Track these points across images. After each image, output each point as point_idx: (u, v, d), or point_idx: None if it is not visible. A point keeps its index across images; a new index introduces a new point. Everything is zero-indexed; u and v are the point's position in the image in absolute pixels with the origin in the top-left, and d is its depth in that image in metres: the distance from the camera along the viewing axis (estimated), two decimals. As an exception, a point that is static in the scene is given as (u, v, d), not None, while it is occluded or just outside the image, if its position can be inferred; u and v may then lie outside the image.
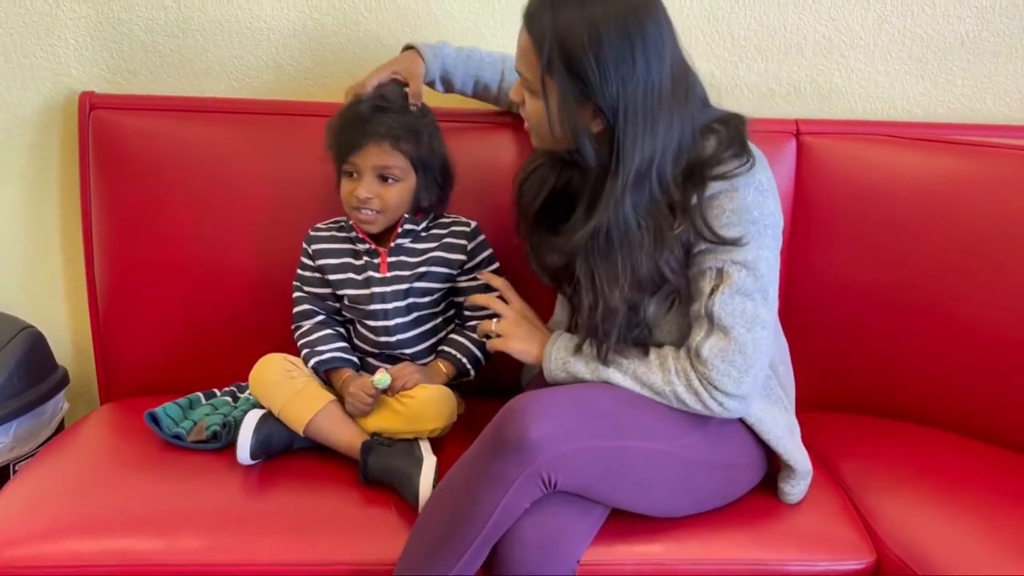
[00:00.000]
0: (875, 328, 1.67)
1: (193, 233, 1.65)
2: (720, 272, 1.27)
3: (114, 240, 1.68)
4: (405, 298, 1.52)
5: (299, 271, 1.58)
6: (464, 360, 1.53)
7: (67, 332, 1.86)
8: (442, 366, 1.53)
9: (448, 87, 1.60)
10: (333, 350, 1.52)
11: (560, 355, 1.35)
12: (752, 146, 1.31)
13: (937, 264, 1.61)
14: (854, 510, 1.42)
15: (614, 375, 1.30)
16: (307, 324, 1.55)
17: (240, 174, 1.65)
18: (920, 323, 1.63)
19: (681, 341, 1.32)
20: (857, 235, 1.66)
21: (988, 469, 1.52)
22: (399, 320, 1.52)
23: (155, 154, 1.65)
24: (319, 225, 1.59)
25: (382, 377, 1.44)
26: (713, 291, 1.27)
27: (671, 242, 1.27)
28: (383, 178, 1.48)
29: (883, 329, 1.66)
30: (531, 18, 1.25)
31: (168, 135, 1.66)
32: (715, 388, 1.27)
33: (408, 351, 1.54)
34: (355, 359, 1.54)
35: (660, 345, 1.33)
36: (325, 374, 1.52)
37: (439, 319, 1.57)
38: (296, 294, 1.58)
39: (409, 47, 1.58)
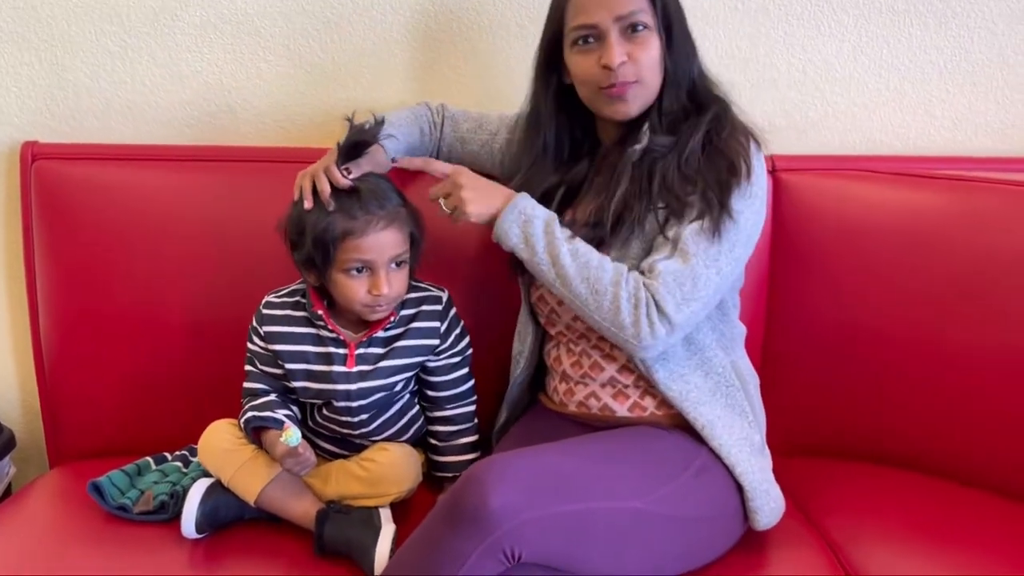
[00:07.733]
0: (859, 369, 1.61)
1: (142, 287, 1.58)
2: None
3: (60, 294, 1.61)
4: (372, 394, 1.40)
5: (250, 346, 1.43)
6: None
7: (15, 391, 1.78)
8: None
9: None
10: (272, 408, 1.37)
11: (526, 209, 1.30)
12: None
13: (921, 302, 1.56)
14: (839, 566, 1.35)
15: (564, 255, 1.28)
16: (258, 401, 1.40)
17: (191, 224, 1.58)
18: (905, 363, 1.57)
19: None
20: (838, 273, 1.61)
21: (981, 518, 1.46)
22: (364, 416, 1.41)
23: (102, 204, 1.58)
24: (271, 299, 1.42)
25: (288, 435, 1.28)
26: (690, 220, 1.29)
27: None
28: (397, 264, 1.36)
29: (867, 370, 1.60)
30: None
31: (115, 184, 1.59)
32: (656, 304, 1.26)
33: (376, 438, 1.45)
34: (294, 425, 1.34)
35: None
36: (254, 433, 1.35)
37: (406, 396, 1.46)
38: (248, 368, 1.44)
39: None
